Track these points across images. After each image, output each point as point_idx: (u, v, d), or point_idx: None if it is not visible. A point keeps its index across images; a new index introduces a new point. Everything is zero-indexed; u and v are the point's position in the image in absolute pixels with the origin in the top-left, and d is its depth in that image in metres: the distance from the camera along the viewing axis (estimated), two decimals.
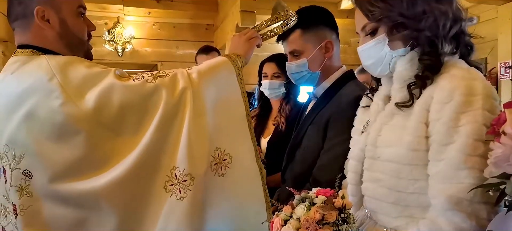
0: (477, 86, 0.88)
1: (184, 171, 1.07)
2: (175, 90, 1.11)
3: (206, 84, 1.16)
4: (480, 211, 0.84)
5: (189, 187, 1.07)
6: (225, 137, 1.16)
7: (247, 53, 1.32)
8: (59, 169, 1.04)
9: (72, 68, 1.08)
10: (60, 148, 1.04)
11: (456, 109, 0.87)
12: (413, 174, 0.94)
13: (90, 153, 1.05)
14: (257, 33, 1.37)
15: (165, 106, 1.08)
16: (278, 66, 2.01)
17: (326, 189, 1.06)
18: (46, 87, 1.04)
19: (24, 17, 1.12)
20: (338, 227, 0.98)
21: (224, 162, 1.14)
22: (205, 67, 1.21)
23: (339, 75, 1.55)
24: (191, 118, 1.09)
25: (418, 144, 0.93)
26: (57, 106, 1.03)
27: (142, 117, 1.08)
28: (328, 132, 1.45)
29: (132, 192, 1.06)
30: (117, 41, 4.02)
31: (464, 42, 1.00)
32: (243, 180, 1.18)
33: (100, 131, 1.05)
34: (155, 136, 1.07)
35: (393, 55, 1.01)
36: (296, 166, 1.57)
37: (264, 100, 2.17)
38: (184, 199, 1.06)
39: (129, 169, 1.05)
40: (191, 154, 1.08)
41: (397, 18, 0.97)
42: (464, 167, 0.84)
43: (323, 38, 1.51)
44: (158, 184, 1.08)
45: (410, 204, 0.96)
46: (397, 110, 1.00)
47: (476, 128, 0.84)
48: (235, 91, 1.22)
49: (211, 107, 1.15)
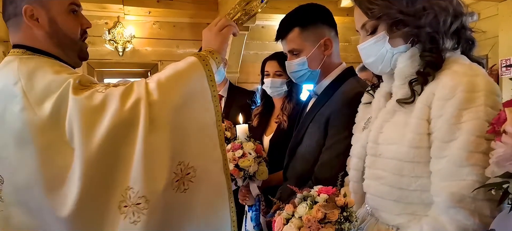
0: (479, 83, 0.87)
1: (138, 192, 0.98)
2: (126, 101, 1.00)
3: (167, 94, 1.03)
4: (483, 208, 0.83)
5: (143, 211, 0.97)
6: (189, 148, 1.05)
7: (220, 47, 1.17)
8: (22, 178, 1.00)
9: (39, 74, 1.03)
10: (21, 155, 1.00)
11: (458, 106, 0.86)
12: (415, 171, 0.94)
13: (47, 162, 0.99)
14: (230, 21, 1.21)
15: (112, 118, 0.98)
16: (280, 64, 2.00)
17: (328, 187, 1.05)
18: (11, 91, 1.01)
19: (15, 16, 1.09)
20: (341, 225, 0.98)
21: (186, 176, 1.04)
22: (168, 73, 1.08)
23: (339, 72, 1.54)
24: (146, 133, 0.98)
25: (420, 141, 0.92)
26: (17, 111, 1.00)
27: (89, 129, 0.98)
28: (329, 129, 1.44)
29: (90, 211, 0.99)
30: (117, 41, 4.01)
31: (466, 38, 1.00)
32: (207, 195, 1.07)
33: (56, 142, 0.99)
34: (103, 149, 0.97)
35: (394, 52, 1.00)
36: (298, 164, 1.57)
37: (267, 99, 2.17)
38: (138, 223, 0.97)
39: (81, 187, 0.96)
40: (147, 173, 0.98)
41: (396, 15, 0.97)
42: (466, 164, 0.84)
43: (322, 35, 1.50)
44: (113, 204, 1.00)
45: (413, 201, 0.95)
46: (398, 107, 0.99)
47: (478, 125, 0.84)
48: (204, 96, 1.09)
49: (173, 119, 1.03)
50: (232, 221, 1.11)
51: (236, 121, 2.06)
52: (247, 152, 1.82)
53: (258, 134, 2.09)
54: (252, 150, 1.83)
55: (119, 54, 4.07)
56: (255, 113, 2.22)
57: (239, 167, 1.79)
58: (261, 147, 1.92)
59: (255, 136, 2.01)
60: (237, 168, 1.79)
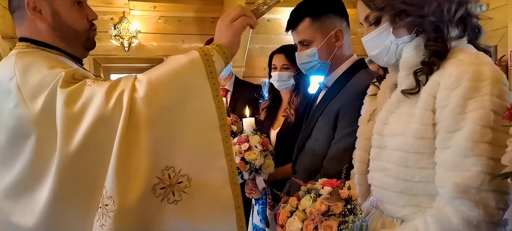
0: (485, 71, 0.86)
1: (107, 192, 0.89)
2: (110, 96, 0.93)
3: (154, 90, 0.93)
4: (488, 199, 0.82)
5: (109, 213, 0.87)
6: (180, 153, 0.93)
7: (230, 41, 1.02)
8: (14, 178, 0.97)
9: (34, 69, 1.00)
10: (16, 151, 0.97)
11: (463, 95, 0.85)
12: (420, 163, 0.93)
13: (38, 159, 0.95)
14: (245, 11, 1.06)
15: (95, 114, 0.91)
16: (287, 57, 1.99)
17: (332, 180, 1.05)
18: (7, 87, 0.99)
19: (19, 9, 1.09)
20: (345, 218, 0.97)
21: (178, 185, 0.92)
22: (162, 70, 0.98)
23: (350, 64, 1.53)
24: (123, 128, 0.89)
25: (425, 131, 0.91)
26: (11, 108, 0.98)
27: (70, 125, 0.92)
28: (339, 122, 1.43)
29: (65, 218, 0.94)
30: (123, 36, 4.02)
31: (472, 25, 0.98)
32: (207, 210, 0.94)
33: (49, 138, 0.94)
34: (84, 146, 0.91)
35: (399, 43, 0.99)
36: (307, 157, 1.56)
37: (275, 92, 2.16)
38: (104, 227, 0.88)
39: (54, 187, 0.90)
40: (118, 172, 0.88)
41: (399, 5, 0.95)
42: (471, 154, 0.83)
43: (333, 26, 1.48)
44: (93, 207, 0.92)
45: (417, 193, 0.95)
46: (403, 98, 0.98)
47: (484, 114, 0.83)
48: (202, 97, 0.96)
49: (159, 118, 0.93)
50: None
51: (243, 115, 2.06)
52: (253, 145, 1.82)
53: (265, 127, 2.09)
54: (259, 143, 1.82)
55: (125, 49, 4.08)
56: (263, 107, 2.21)
57: (245, 160, 1.80)
58: (268, 140, 1.92)
59: (263, 129, 2.01)
60: (243, 161, 1.79)
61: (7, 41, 3.44)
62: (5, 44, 3.42)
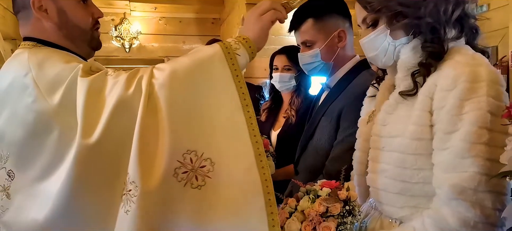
0: (482, 73, 0.86)
1: (130, 177, 0.88)
2: (131, 82, 0.94)
3: (175, 75, 0.93)
4: (484, 200, 0.83)
5: (133, 198, 0.86)
6: (203, 137, 0.91)
7: (258, 35, 1.00)
8: (36, 173, 0.97)
9: (50, 63, 1.00)
10: (36, 147, 0.96)
11: (460, 97, 0.85)
12: (417, 164, 0.93)
13: (60, 152, 0.94)
14: (275, 4, 1.02)
15: (117, 98, 0.91)
16: (289, 58, 2.00)
17: (331, 181, 1.05)
18: (22, 83, 0.99)
19: (24, 8, 1.08)
20: (343, 219, 0.98)
21: (201, 169, 0.89)
22: (185, 58, 0.98)
23: (353, 65, 1.52)
24: (144, 111, 0.89)
25: (422, 132, 0.91)
26: (29, 103, 0.97)
27: (95, 112, 0.92)
28: (341, 123, 1.43)
29: (95, 195, 0.93)
30: (124, 37, 4.04)
31: (469, 26, 0.98)
32: (232, 195, 0.89)
33: (69, 130, 0.93)
34: (107, 132, 0.90)
35: (396, 44, 0.99)
36: (309, 157, 1.56)
37: (276, 93, 2.16)
38: (129, 213, 0.86)
39: (72, 177, 0.89)
40: (139, 156, 0.87)
41: (396, 7, 0.95)
42: (468, 156, 0.83)
43: (336, 27, 1.48)
44: (117, 192, 0.91)
45: (415, 194, 0.95)
46: (401, 100, 0.98)
47: (480, 115, 0.83)
48: (224, 77, 0.94)
49: (179, 100, 0.92)
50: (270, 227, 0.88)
51: None
52: None
53: (266, 128, 2.10)
54: None
55: (126, 50, 4.10)
56: (264, 108, 2.21)
57: None
58: (268, 141, 1.92)
59: (263, 130, 2.01)
60: None
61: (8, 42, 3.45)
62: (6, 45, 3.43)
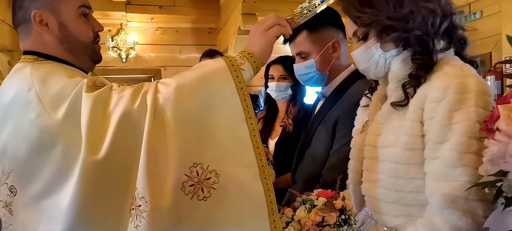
0: (470, 84, 0.88)
1: (139, 193, 0.89)
2: (136, 96, 0.94)
3: (181, 89, 0.94)
4: (476, 208, 0.84)
5: (143, 213, 0.87)
6: (208, 149, 0.93)
7: (263, 50, 1.03)
8: (39, 188, 0.97)
9: (53, 78, 1.00)
10: (39, 162, 0.96)
11: (449, 108, 0.87)
12: (410, 173, 0.94)
13: (65, 167, 0.94)
14: (280, 20, 1.05)
15: (122, 113, 0.92)
16: (285, 68, 2.01)
17: (327, 191, 1.06)
18: (25, 98, 0.98)
19: (25, 22, 1.07)
20: (339, 228, 0.99)
21: (206, 181, 0.90)
22: (190, 72, 1.00)
23: (347, 74, 1.54)
24: (150, 125, 0.90)
25: (414, 143, 0.93)
26: (33, 119, 0.97)
27: (101, 128, 0.93)
28: (337, 132, 1.45)
29: (104, 210, 0.94)
30: (120, 48, 4.05)
31: (457, 37, 1.00)
32: (237, 205, 0.92)
33: (73, 145, 0.94)
34: (113, 147, 0.91)
35: (387, 56, 1.01)
36: (306, 166, 1.57)
37: (271, 102, 2.18)
38: (139, 228, 0.87)
39: (79, 192, 0.90)
40: (148, 171, 0.88)
41: (385, 21, 0.97)
42: (458, 165, 0.85)
43: (330, 38, 1.50)
44: (126, 208, 0.92)
45: (409, 203, 0.96)
46: (393, 110, 1.00)
47: (469, 126, 0.85)
48: (228, 90, 0.96)
49: (185, 115, 0.93)
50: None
51: None
52: None
53: (263, 137, 2.09)
54: None
55: (123, 60, 4.11)
56: (259, 118, 2.22)
57: None
58: (268, 150, 1.92)
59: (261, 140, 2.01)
60: None
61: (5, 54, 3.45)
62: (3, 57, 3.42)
